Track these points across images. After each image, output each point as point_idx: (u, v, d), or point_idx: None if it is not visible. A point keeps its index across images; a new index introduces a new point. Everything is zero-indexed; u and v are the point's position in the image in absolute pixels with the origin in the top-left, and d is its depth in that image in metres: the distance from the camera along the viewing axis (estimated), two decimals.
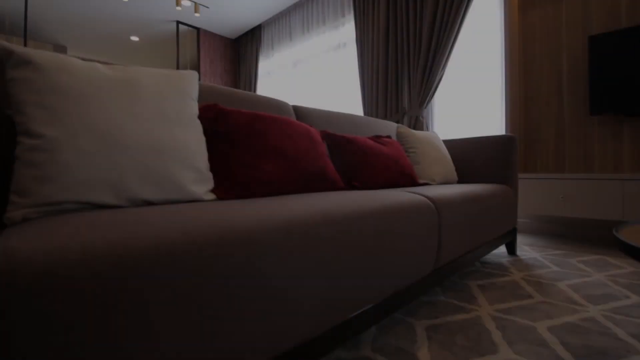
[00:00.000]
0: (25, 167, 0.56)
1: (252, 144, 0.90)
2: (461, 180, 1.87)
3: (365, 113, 3.34)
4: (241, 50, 4.93)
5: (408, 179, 1.40)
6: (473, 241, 1.24)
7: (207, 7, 3.84)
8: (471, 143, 1.89)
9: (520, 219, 2.44)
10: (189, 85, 0.82)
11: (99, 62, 0.77)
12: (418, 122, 2.94)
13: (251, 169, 0.87)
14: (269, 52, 4.54)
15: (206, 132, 0.88)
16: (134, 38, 4.87)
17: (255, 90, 4.68)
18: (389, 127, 1.96)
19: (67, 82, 0.62)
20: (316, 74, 3.94)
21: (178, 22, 4.39)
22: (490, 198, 1.41)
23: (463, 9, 2.63)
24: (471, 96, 2.81)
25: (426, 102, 2.89)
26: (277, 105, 1.38)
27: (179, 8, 2.96)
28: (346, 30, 3.65)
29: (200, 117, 0.89)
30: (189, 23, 4.44)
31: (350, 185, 1.19)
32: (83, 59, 0.70)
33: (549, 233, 2.32)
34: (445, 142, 1.99)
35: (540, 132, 2.38)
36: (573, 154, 2.24)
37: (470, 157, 1.87)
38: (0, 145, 0.66)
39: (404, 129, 1.71)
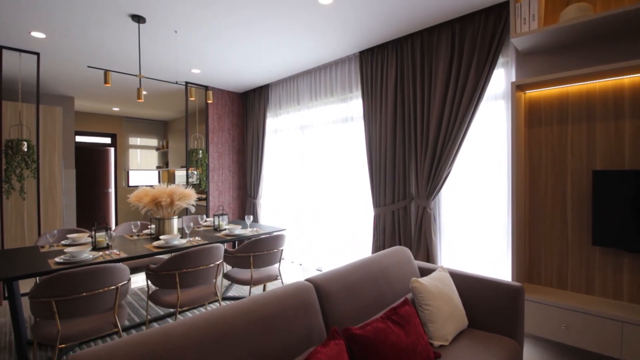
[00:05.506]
0: None
1: None
2: (471, 322, 1.98)
3: (373, 194, 3.42)
4: (248, 104, 4.97)
5: None
6: None
7: (220, 89, 3.89)
8: (480, 283, 1.99)
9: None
10: None
11: None
12: (425, 213, 3.04)
13: None
14: (277, 111, 4.59)
15: None
16: (142, 92, 4.91)
17: (263, 146, 4.73)
18: (405, 272, 2.06)
19: None
20: (324, 142, 4.01)
21: (187, 83, 4.44)
22: None
23: (470, 115, 2.71)
24: (478, 195, 2.90)
25: (434, 194, 2.99)
26: (302, 297, 1.49)
27: (192, 98, 3.01)
28: (354, 105, 3.71)
29: None
30: (198, 83, 4.48)
31: None
32: None
33: (547, 340, 2.44)
34: (454, 276, 2.10)
35: (545, 245, 2.49)
36: (575, 274, 2.35)
37: (479, 296, 1.98)
38: None
39: (419, 283, 1.81)
